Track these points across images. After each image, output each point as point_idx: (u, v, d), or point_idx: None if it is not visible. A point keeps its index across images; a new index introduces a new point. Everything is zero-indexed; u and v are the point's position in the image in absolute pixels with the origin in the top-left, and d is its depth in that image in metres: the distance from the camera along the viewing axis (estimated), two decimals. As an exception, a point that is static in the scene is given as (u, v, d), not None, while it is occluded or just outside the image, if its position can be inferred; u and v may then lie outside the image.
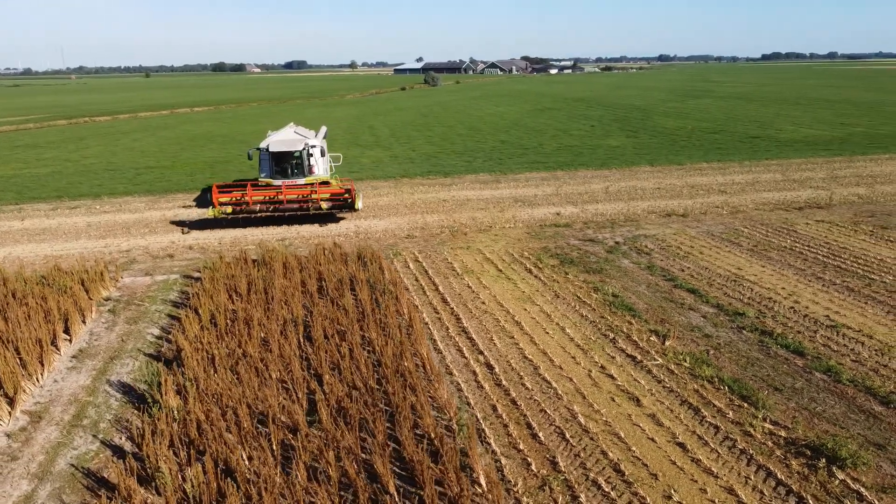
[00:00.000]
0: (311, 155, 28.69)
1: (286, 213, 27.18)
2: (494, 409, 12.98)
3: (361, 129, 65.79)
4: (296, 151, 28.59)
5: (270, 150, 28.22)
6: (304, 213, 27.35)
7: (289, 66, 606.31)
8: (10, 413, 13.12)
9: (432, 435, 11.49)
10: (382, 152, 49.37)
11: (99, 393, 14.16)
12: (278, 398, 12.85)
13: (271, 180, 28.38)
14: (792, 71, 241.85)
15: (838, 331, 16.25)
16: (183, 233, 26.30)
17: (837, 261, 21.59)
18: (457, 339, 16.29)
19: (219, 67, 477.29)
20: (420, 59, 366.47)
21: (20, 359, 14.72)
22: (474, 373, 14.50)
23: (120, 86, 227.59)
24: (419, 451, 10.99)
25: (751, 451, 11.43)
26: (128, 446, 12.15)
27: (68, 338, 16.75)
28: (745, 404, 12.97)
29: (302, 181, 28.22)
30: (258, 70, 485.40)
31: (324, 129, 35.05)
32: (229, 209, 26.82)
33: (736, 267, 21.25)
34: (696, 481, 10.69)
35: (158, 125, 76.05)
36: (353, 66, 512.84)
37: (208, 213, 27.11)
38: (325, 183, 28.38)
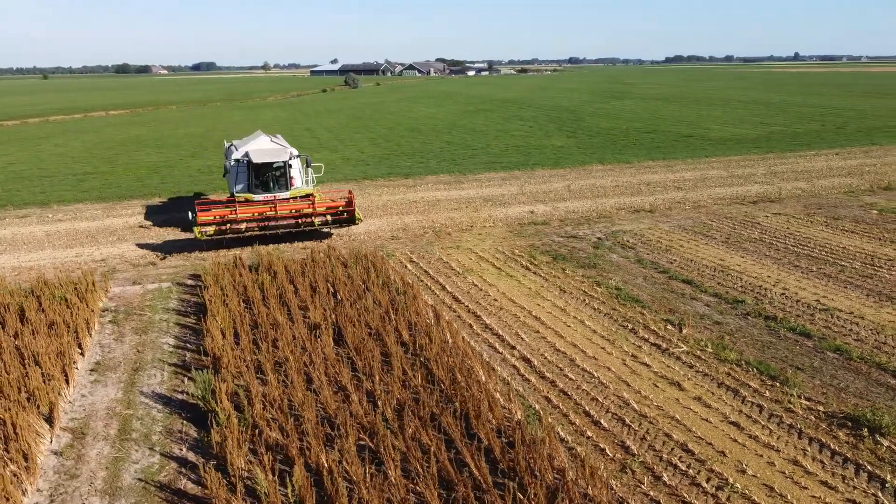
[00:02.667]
0: (291, 166, 26.29)
1: (279, 231, 24.61)
2: (549, 400, 13.41)
3: (299, 132, 64.79)
4: (279, 162, 25.81)
5: (252, 160, 25.24)
6: (297, 231, 25.00)
7: (197, 67, 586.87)
8: (50, 431, 12.52)
9: (507, 427, 11.79)
10: (330, 154, 48.91)
11: (136, 405, 13.67)
12: (336, 401, 12.81)
13: (250, 195, 25.53)
14: (697, 73, 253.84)
15: (832, 313, 17.59)
16: (159, 258, 23.64)
17: (806, 250, 23.22)
18: (484, 335, 16.62)
19: (122, 69, 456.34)
20: (335, 61, 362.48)
21: (42, 374, 14.01)
22: (515, 367, 14.88)
23: (16, 88, 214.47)
24: (506, 443, 11.28)
25: (799, 426, 12.34)
26: (191, 456, 11.84)
27: (80, 351, 16.02)
28: (777, 384, 13.92)
29: (286, 195, 25.78)
30: (165, 72, 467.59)
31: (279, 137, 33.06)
32: (211, 230, 23.98)
33: (718, 258, 22.52)
34: (761, 456, 11.46)
35: (77, 129, 72.39)
36: (265, 67, 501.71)
37: (196, 233, 23.80)
38: (307, 196, 26.32)
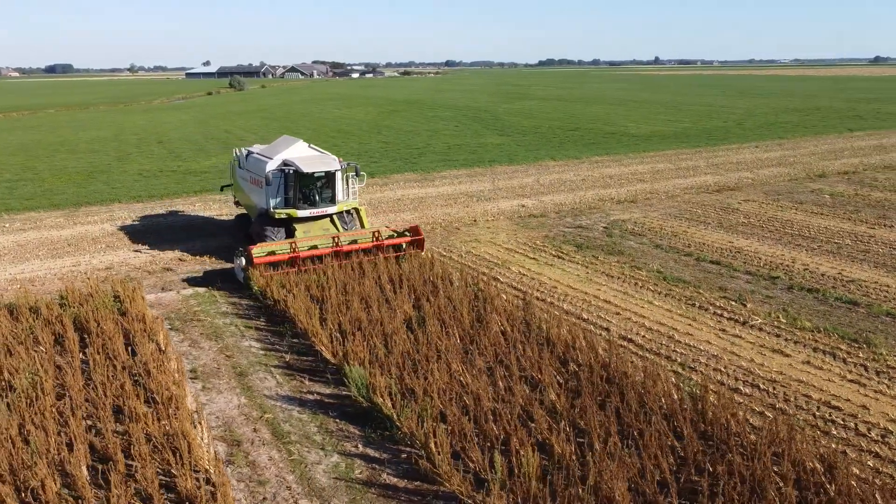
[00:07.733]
0: (336, 177, 22.70)
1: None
2: (678, 374, 14.10)
3: (219, 134, 62.33)
4: (324, 172, 21.96)
5: (301, 170, 21.29)
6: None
7: (51, 69, 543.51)
8: (203, 439, 11.75)
9: (676, 400, 12.37)
10: (272, 156, 47.37)
11: (271, 409, 13.07)
12: (488, 387, 12.88)
13: (293, 211, 21.75)
14: (574, 76, 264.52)
15: (860, 284, 19.47)
16: (173, 263, 21.65)
17: (795, 230, 25.41)
18: (569, 319, 17.08)
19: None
20: (207, 63, 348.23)
21: (165, 386, 13.08)
22: (622, 346, 15.46)
23: None
24: (690, 414, 11.86)
25: (909, 380, 13.76)
26: (371, 452, 11.55)
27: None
28: (863, 346, 15.37)
29: (333, 209, 22.48)
30: (16, 74, 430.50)
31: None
32: (262, 282, 18.80)
33: (727, 241, 24.19)
34: (897, 406, 12.73)
35: (-40, 135, 65.67)
36: (132, 69, 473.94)
37: (252, 285, 19.01)
38: (349, 211, 23.51)
